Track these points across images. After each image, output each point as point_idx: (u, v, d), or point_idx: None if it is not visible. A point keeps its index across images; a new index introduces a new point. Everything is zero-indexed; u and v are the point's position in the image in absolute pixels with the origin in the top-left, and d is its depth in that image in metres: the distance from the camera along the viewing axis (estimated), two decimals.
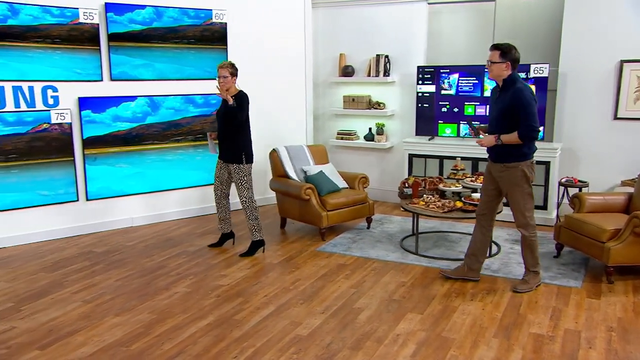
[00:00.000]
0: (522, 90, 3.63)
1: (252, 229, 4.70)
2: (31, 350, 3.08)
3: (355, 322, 3.46)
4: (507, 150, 3.73)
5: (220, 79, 4.44)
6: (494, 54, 3.68)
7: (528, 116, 3.59)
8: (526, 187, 3.77)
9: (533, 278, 3.95)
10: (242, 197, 4.64)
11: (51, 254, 4.72)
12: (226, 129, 4.54)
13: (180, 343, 3.18)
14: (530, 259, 3.91)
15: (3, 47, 4.67)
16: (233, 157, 4.56)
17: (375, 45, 6.42)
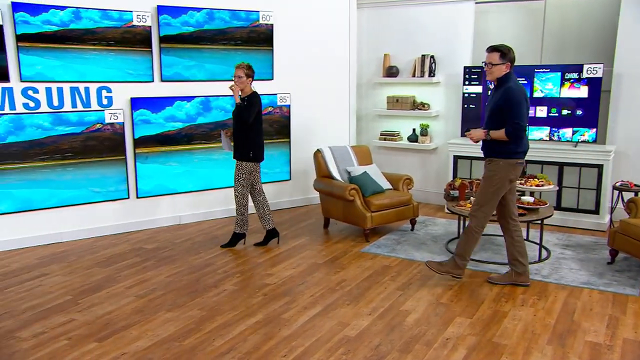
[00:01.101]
0: (512, 88, 3.72)
1: (236, 222, 4.89)
2: (90, 342, 3.19)
3: (403, 324, 3.43)
4: (494, 146, 3.82)
5: (235, 79, 4.60)
6: (494, 56, 3.77)
7: (515, 114, 3.67)
8: (498, 185, 3.81)
9: (451, 264, 4.02)
10: (235, 191, 4.80)
11: (104, 250, 4.87)
12: (237, 130, 4.70)
13: (231, 340, 3.23)
14: (462, 247, 3.98)
15: (64, 49, 4.85)
16: (239, 154, 4.72)
17: (420, 46, 6.35)
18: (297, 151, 6.33)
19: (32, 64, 4.72)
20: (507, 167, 3.78)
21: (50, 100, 4.88)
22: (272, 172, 6.23)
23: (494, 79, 3.82)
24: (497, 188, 3.83)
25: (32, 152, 4.83)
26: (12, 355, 3.03)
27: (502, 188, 3.83)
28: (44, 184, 4.93)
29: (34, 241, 4.95)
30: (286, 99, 6.17)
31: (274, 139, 6.15)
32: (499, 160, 3.81)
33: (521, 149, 3.81)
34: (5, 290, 3.94)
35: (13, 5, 4.56)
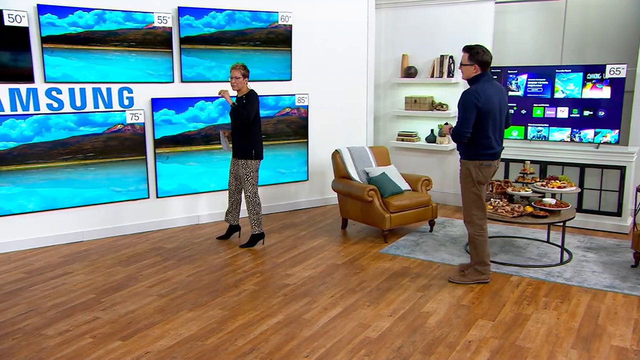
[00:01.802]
0: (465, 93, 3.80)
1: (253, 223, 4.90)
2: (114, 340, 3.22)
3: (425, 326, 3.41)
4: (460, 148, 3.95)
5: (232, 80, 4.64)
6: (464, 56, 3.85)
7: (458, 119, 3.81)
8: (471, 186, 3.89)
9: (473, 274, 4.04)
10: (247, 192, 4.82)
11: (125, 249, 4.92)
12: (236, 127, 4.73)
13: (253, 340, 3.25)
14: (474, 255, 4.01)
15: (87, 50, 4.91)
16: (242, 153, 4.74)
17: (439, 46, 6.32)
18: (314, 151, 6.34)
19: (56, 65, 4.79)
20: (473, 169, 3.86)
21: (73, 101, 4.94)
22: (290, 173, 6.24)
23: (465, 79, 3.90)
24: (474, 188, 3.91)
25: (55, 152, 4.90)
26: (39, 352, 3.07)
27: (476, 188, 3.91)
28: (66, 184, 4.99)
29: (57, 240, 5.02)
30: (304, 100, 6.17)
31: (291, 139, 6.16)
32: (465, 162, 3.92)
33: (485, 151, 3.83)
34: (30, 288, 4.00)
35: (39, 8, 4.63)
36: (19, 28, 4.55)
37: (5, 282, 4.09)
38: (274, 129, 6.00)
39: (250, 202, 4.82)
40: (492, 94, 3.80)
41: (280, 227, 5.67)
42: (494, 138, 3.84)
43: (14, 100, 4.66)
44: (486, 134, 3.80)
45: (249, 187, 4.79)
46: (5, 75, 4.59)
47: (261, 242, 5.03)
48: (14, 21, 4.51)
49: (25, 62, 4.65)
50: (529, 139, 5.76)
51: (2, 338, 3.23)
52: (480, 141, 3.80)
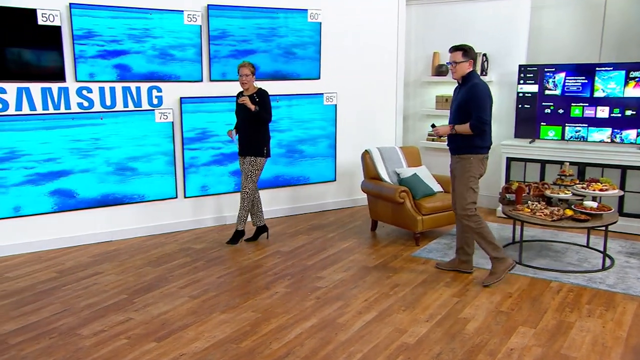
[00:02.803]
0: (477, 85, 3.99)
1: (243, 219, 4.99)
2: (148, 342, 3.26)
3: (464, 332, 3.38)
4: (461, 143, 4.05)
5: (242, 78, 4.69)
6: (457, 55, 4.03)
7: (479, 109, 3.93)
8: (471, 180, 4.04)
9: (500, 265, 4.07)
10: (245, 188, 4.89)
11: (154, 249, 4.99)
12: (250, 127, 4.79)
13: (288, 344, 3.26)
14: (486, 246, 4.09)
15: (117, 48, 4.98)
16: (254, 149, 4.82)
17: (471, 43, 6.15)
18: (342, 151, 6.33)
19: (87, 63, 4.87)
20: (476, 163, 4.03)
21: (103, 100, 5.02)
22: (317, 173, 6.25)
23: (459, 77, 4.07)
24: (472, 183, 4.05)
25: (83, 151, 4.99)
26: (76, 351, 3.13)
27: (475, 182, 4.06)
28: (93, 183, 5.07)
29: (85, 239, 5.11)
30: (332, 99, 6.17)
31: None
32: (470, 156, 4.04)
33: (486, 144, 4.07)
34: (63, 287, 4.08)
35: (71, 6, 4.71)
36: (51, 27, 4.63)
37: (38, 282, 4.18)
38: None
39: (245, 198, 4.92)
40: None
41: (308, 229, 5.68)
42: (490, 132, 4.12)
43: (45, 99, 4.76)
44: (490, 127, 4.07)
45: (249, 184, 4.88)
46: (38, 74, 4.69)
47: (242, 240, 5.12)
48: (47, 20, 4.60)
49: (57, 61, 4.74)
50: (566, 140, 5.66)
51: (40, 337, 3.30)
52: (486, 134, 4.04)
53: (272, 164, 5.93)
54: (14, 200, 4.72)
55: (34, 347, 3.17)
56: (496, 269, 4.09)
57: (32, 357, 3.07)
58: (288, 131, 5.98)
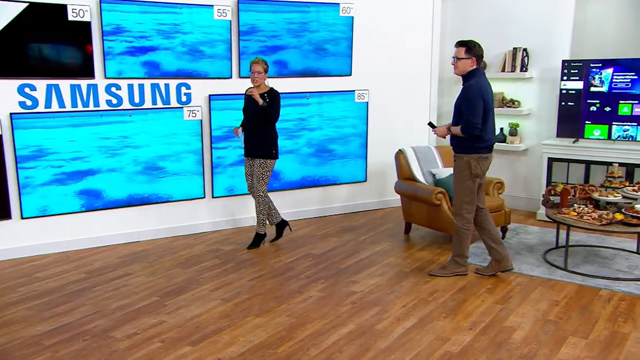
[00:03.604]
0: (470, 86, 4.02)
1: (262, 222, 5.02)
2: (183, 345, 3.29)
3: (510, 342, 3.33)
4: (459, 142, 4.14)
5: (254, 74, 4.68)
6: (460, 51, 4.07)
7: (468, 112, 3.99)
8: (467, 179, 4.13)
9: (454, 267, 4.34)
10: (259, 191, 4.92)
11: (182, 250, 5.03)
12: (257, 125, 4.78)
13: (326, 350, 3.25)
14: (457, 247, 4.30)
15: (146, 45, 5.04)
16: (262, 151, 4.83)
17: (511, 38, 6.17)
18: (373, 150, 6.31)
19: (115, 60, 4.93)
20: (472, 163, 4.10)
21: (132, 97, 5.09)
22: (347, 173, 6.23)
23: (460, 73, 4.11)
24: (469, 183, 4.14)
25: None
26: (111, 354, 3.18)
27: (472, 182, 4.14)
28: (121, 182, 5.14)
29: (113, 239, 5.18)
30: (364, 96, 6.16)
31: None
32: (464, 155, 4.12)
33: (484, 144, 4.11)
34: (93, 288, 4.14)
35: (101, 1, 4.78)
36: (81, 23, 4.71)
37: (68, 282, 4.26)
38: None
39: (261, 201, 4.93)
40: (488, 87, 4.11)
41: (339, 231, 5.67)
42: (491, 131, 4.15)
43: (74, 96, 4.84)
44: (485, 127, 4.07)
45: (262, 187, 4.90)
46: (67, 70, 4.77)
47: (263, 242, 5.12)
48: (77, 16, 4.67)
49: (87, 58, 4.81)
50: (613, 139, 5.54)
51: (74, 339, 3.35)
52: (480, 135, 4.06)
53: (301, 164, 5.95)
54: (41, 200, 4.80)
55: (68, 349, 3.22)
56: (449, 267, 4.37)
57: (67, 359, 3.12)
58: (318, 129, 5.98)
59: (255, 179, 4.92)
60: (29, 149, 4.71)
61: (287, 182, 5.93)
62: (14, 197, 4.71)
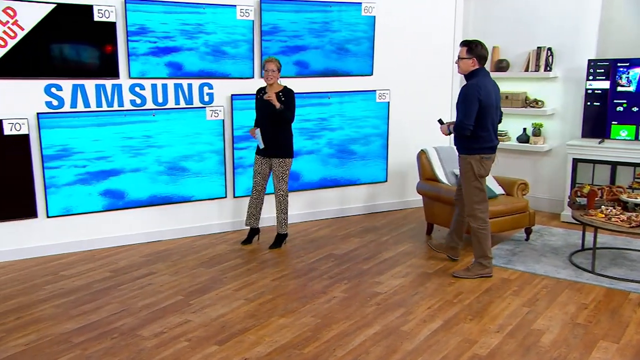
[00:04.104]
0: (466, 86, 4.09)
1: (283, 222, 5.04)
2: (210, 345, 3.31)
3: (539, 345, 3.30)
4: (459, 143, 4.24)
5: (268, 72, 4.70)
6: (462, 50, 4.12)
7: (462, 112, 4.07)
8: (473, 180, 4.19)
9: (477, 268, 4.34)
10: (280, 190, 4.93)
11: (204, 250, 5.06)
12: (274, 126, 4.79)
13: (352, 351, 3.24)
14: (478, 249, 4.31)
15: (170, 45, 5.08)
16: (281, 151, 4.84)
17: (535, 37, 6.11)
18: (394, 151, 6.29)
19: (139, 61, 4.97)
20: (475, 163, 4.16)
21: (155, 97, 5.13)
22: (367, 174, 6.22)
23: (463, 73, 4.18)
24: (475, 183, 4.21)
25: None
26: (139, 353, 3.20)
27: (477, 181, 4.21)
28: (144, 181, 5.18)
29: (136, 239, 5.22)
30: (385, 96, 6.14)
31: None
32: (466, 156, 4.20)
33: (487, 144, 4.17)
34: (119, 287, 4.18)
35: (126, 2, 4.82)
36: (107, 23, 4.76)
37: (94, 281, 4.30)
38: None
39: (282, 200, 4.95)
40: (490, 88, 4.14)
41: (360, 231, 5.66)
42: (493, 132, 4.21)
43: (99, 96, 4.89)
44: (486, 127, 4.13)
45: (282, 186, 4.91)
46: (92, 70, 4.83)
47: (284, 242, 5.16)
48: (102, 16, 4.72)
49: (112, 58, 4.86)
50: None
51: (102, 337, 3.39)
52: (480, 135, 4.11)
53: (322, 165, 5.95)
54: (65, 200, 4.85)
55: (97, 347, 3.26)
56: (474, 269, 4.35)
57: (96, 357, 3.15)
58: (339, 130, 5.97)
59: (275, 179, 4.93)
60: (54, 148, 4.77)
61: (306, 182, 5.93)
62: (40, 196, 4.77)
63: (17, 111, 4.59)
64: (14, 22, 4.41)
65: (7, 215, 4.66)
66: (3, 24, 4.38)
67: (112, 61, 4.87)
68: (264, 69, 4.76)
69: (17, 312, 3.74)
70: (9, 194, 4.64)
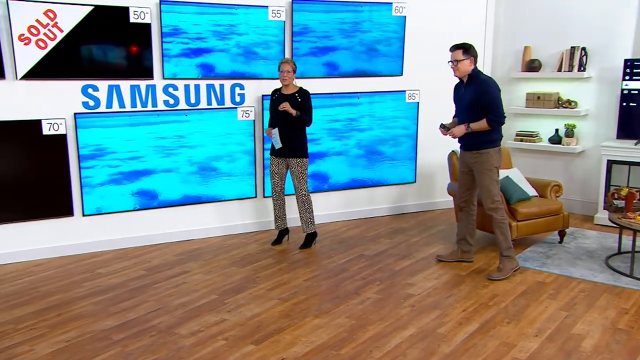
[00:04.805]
0: (488, 81, 4.25)
1: (309, 221, 5.02)
2: (246, 344, 3.32)
3: (580, 350, 3.24)
4: (479, 138, 4.27)
5: (283, 74, 4.73)
6: (457, 53, 4.24)
7: (495, 105, 4.17)
8: (495, 172, 4.33)
9: (508, 263, 4.37)
10: (301, 191, 4.93)
11: (236, 249, 5.09)
12: (290, 128, 4.80)
13: (389, 353, 3.23)
14: (503, 241, 4.35)
15: (203, 46, 5.12)
16: (297, 151, 4.86)
17: (568, 37, 6.01)
18: (422, 151, 6.24)
19: (171, 62, 5.02)
20: (495, 155, 4.31)
21: (188, 98, 5.17)
22: (396, 174, 6.18)
23: (462, 75, 4.28)
24: (495, 176, 4.33)
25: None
26: (177, 351, 3.23)
27: (497, 174, 4.35)
28: (175, 181, 5.23)
29: (167, 238, 5.28)
30: (415, 96, 6.10)
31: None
32: (488, 150, 4.27)
33: (501, 135, 4.36)
34: (154, 285, 4.23)
35: (161, 3, 4.87)
36: (142, 25, 4.82)
37: (129, 279, 4.36)
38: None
39: (305, 200, 4.95)
40: None
41: (389, 232, 5.64)
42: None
43: (134, 97, 4.95)
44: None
45: (303, 185, 4.92)
46: (127, 71, 4.89)
47: (314, 242, 5.15)
48: (138, 18, 4.78)
49: (146, 59, 4.92)
50: None
51: (140, 334, 3.43)
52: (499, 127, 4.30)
53: (351, 166, 5.93)
54: (98, 201, 4.92)
55: (136, 345, 3.30)
56: (505, 266, 4.35)
57: (136, 354, 3.19)
58: (368, 130, 5.95)
59: (295, 180, 4.94)
60: (89, 147, 4.84)
61: (334, 184, 5.92)
62: (76, 194, 4.85)
63: (56, 111, 4.67)
64: (54, 24, 4.49)
65: (45, 214, 4.75)
66: (44, 26, 4.46)
67: (147, 62, 4.92)
68: (279, 70, 4.79)
69: (57, 308, 3.81)
70: (47, 192, 4.72)
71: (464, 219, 4.64)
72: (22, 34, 4.41)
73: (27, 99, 4.58)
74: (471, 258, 4.70)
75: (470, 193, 4.58)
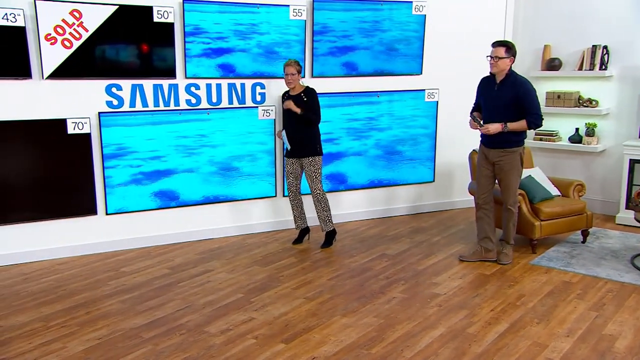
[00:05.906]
0: (526, 83, 4.28)
1: (327, 219, 4.99)
2: (276, 343, 3.30)
3: (613, 351, 3.20)
4: (508, 137, 4.31)
5: (288, 76, 4.70)
6: (500, 50, 4.24)
7: (534, 106, 4.23)
8: (520, 171, 4.46)
9: (512, 251, 4.65)
10: (316, 190, 4.90)
11: (257, 248, 5.07)
12: (300, 127, 4.80)
13: (420, 352, 3.20)
14: (512, 232, 4.60)
15: (225, 46, 5.11)
16: (309, 150, 4.85)
17: (589, 35, 5.95)
18: (441, 150, 6.20)
19: (192, 63, 5.01)
20: (521, 153, 4.39)
21: (210, 97, 5.16)
22: (414, 174, 6.14)
23: (499, 72, 4.29)
24: (521, 173, 4.47)
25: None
26: (208, 349, 3.22)
27: (521, 171, 4.46)
28: (196, 182, 5.22)
29: (188, 237, 5.27)
30: (434, 95, 6.06)
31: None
32: (517, 149, 4.36)
33: (526, 135, 4.46)
34: (179, 284, 4.22)
35: (184, 2, 4.86)
36: (165, 24, 4.81)
37: (154, 277, 4.35)
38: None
39: (321, 199, 4.92)
40: None
41: (409, 232, 5.61)
42: None
43: (157, 96, 4.95)
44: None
45: (317, 185, 4.89)
46: (150, 70, 4.88)
47: (335, 239, 5.14)
48: (161, 17, 4.77)
49: (169, 58, 4.91)
50: None
51: (170, 332, 3.42)
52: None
53: (369, 167, 5.90)
54: (119, 202, 4.92)
55: (167, 343, 3.29)
56: (509, 252, 4.63)
57: (168, 352, 3.18)
58: (388, 130, 5.92)
59: (309, 179, 4.91)
60: (111, 147, 4.83)
61: (353, 184, 5.89)
62: (100, 193, 4.85)
63: (80, 111, 4.68)
64: (79, 24, 4.49)
65: (70, 212, 4.75)
66: (69, 26, 4.46)
67: (170, 61, 4.91)
68: (284, 73, 4.76)
69: (85, 306, 3.81)
70: (71, 191, 4.73)
71: (485, 217, 4.63)
72: (49, 34, 4.41)
73: (52, 98, 4.59)
74: (494, 257, 4.66)
75: (490, 191, 4.60)
